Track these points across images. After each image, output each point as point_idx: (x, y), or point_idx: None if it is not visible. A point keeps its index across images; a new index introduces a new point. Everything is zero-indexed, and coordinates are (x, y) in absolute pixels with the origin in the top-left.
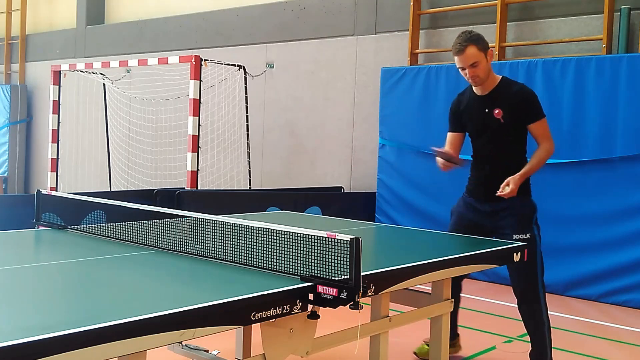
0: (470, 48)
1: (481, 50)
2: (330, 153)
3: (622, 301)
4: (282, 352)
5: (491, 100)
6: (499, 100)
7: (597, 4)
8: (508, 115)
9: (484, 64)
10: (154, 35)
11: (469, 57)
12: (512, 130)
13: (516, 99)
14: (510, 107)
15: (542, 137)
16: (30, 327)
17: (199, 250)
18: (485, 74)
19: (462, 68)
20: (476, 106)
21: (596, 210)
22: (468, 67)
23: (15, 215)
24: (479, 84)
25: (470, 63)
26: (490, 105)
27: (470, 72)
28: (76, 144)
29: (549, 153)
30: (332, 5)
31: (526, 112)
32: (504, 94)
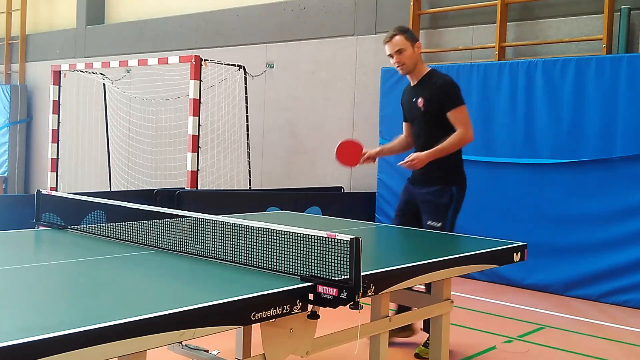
0: (398, 36)
1: (408, 39)
2: (330, 153)
3: (622, 301)
4: (282, 352)
5: (417, 90)
6: (422, 90)
7: (597, 4)
8: (428, 104)
9: (410, 52)
10: (154, 35)
11: (395, 44)
12: (434, 118)
13: (435, 89)
14: (430, 96)
15: (458, 123)
16: (30, 327)
17: (199, 250)
18: (411, 62)
19: (390, 55)
20: (407, 96)
21: (596, 210)
22: (395, 54)
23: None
24: (405, 71)
25: (397, 49)
26: (416, 94)
27: (396, 58)
28: (76, 144)
29: (463, 139)
30: (332, 5)
31: (443, 100)
32: (427, 84)
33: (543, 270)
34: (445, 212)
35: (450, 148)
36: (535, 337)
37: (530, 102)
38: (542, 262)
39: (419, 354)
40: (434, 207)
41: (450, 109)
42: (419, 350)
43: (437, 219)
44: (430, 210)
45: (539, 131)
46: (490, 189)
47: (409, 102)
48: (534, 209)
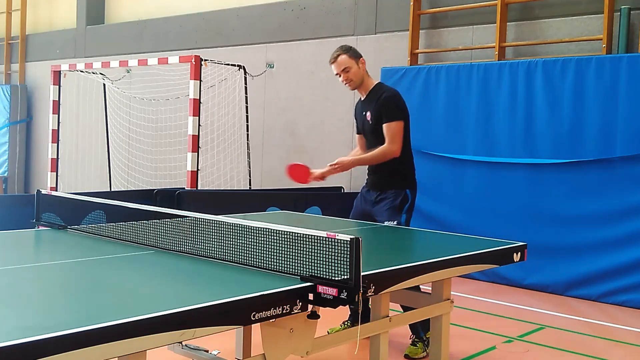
0: (341, 56)
1: (352, 57)
2: (330, 153)
3: (622, 301)
4: (282, 352)
5: (366, 104)
6: (369, 104)
7: (597, 4)
8: (374, 118)
9: (355, 69)
10: (154, 35)
11: (340, 64)
12: (380, 131)
13: (378, 103)
14: (375, 110)
15: (387, 137)
16: (30, 327)
17: (199, 250)
18: (358, 78)
19: (337, 74)
20: (359, 109)
21: (596, 210)
22: (342, 73)
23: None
24: (353, 87)
25: (342, 68)
26: (365, 108)
27: (343, 76)
28: (76, 144)
29: (385, 153)
30: (332, 5)
31: (382, 113)
32: (373, 98)
33: (543, 270)
34: (400, 212)
35: (371, 160)
36: (535, 337)
37: (530, 102)
38: (542, 262)
39: (408, 354)
40: (390, 209)
41: (386, 122)
42: (409, 351)
43: (392, 218)
44: (385, 212)
45: (539, 131)
46: (490, 189)
47: (360, 116)
48: (534, 209)
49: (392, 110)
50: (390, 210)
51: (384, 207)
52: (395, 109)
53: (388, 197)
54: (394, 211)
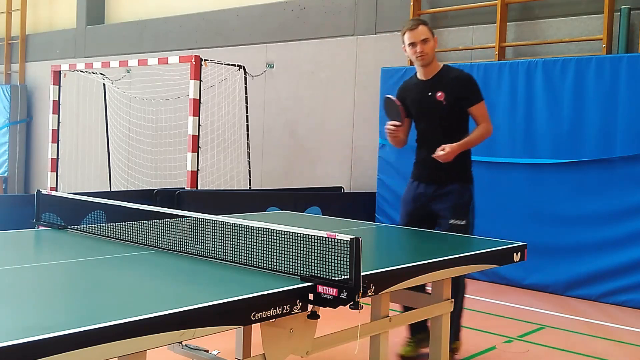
0: (422, 26)
1: (430, 31)
2: (330, 153)
3: (622, 301)
4: (282, 352)
5: (434, 84)
6: (441, 83)
7: (597, 4)
8: (449, 98)
9: (432, 43)
10: (154, 35)
11: (420, 33)
12: (454, 113)
13: (457, 83)
14: (452, 91)
15: (481, 118)
16: (30, 327)
17: (199, 250)
18: (432, 53)
19: (412, 44)
20: (420, 90)
21: (596, 210)
22: (419, 42)
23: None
24: (426, 62)
25: (422, 38)
26: (433, 88)
27: (420, 47)
28: (76, 144)
29: (488, 132)
30: (332, 5)
31: (466, 95)
32: (445, 78)
33: (543, 270)
34: (467, 210)
35: (477, 141)
36: (535, 337)
37: (530, 102)
38: (542, 262)
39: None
40: (456, 205)
41: (474, 104)
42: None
43: (460, 217)
44: (452, 209)
45: (539, 131)
46: (490, 189)
47: (419, 96)
48: (534, 209)
49: (478, 91)
50: (456, 208)
51: (447, 204)
52: (479, 89)
53: (452, 192)
54: (461, 209)
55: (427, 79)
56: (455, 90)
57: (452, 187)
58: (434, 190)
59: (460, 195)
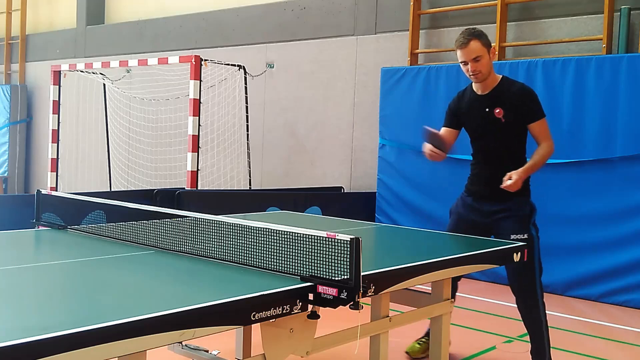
0: (474, 42)
1: (484, 45)
2: (330, 153)
3: (622, 301)
4: (282, 352)
5: (492, 100)
6: (500, 99)
7: (597, 4)
8: (509, 115)
9: (487, 59)
10: (154, 35)
11: (472, 51)
12: (513, 130)
13: (517, 98)
14: (511, 106)
15: (542, 136)
16: (30, 327)
17: (199, 250)
18: (487, 70)
19: (464, 62)
20: (477, 105)
21: (596, 210)
22: (471, 61)
23: (15, 215)
24: (480, 80)
25: (473, 57)
26: (491, 104)
27: (472, 66)
28: (76, 144)
29: (551, 152)
30: (332, 5)
31: (527, 111)
32: (505, 93)
33: (543, 270)
34: (528, 223)
35: (543, 162)
36: None
37: None
38: (543, 262)
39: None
40: (516, 219)
41: (535, 120)
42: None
43: (521, 231)
44: (513, 223)
45: None
46: None
47: (479, 112)
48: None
49: (538, 107)
50: (517, 222)
51: (508, 218)
52: (539, 104)
53: (512, 207)
54: (522, 222)
55: (484, 94)
56: (515, 105)
57: (509, 202)
58: (490, 207)
59: (520, 209)
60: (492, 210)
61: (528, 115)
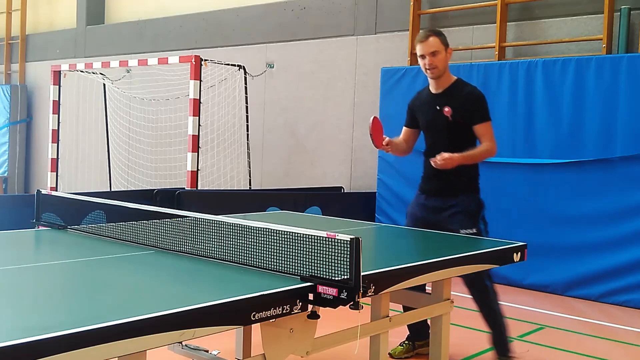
0: (433, 38)
1: (442, 43)
2: (330, 153)
3: (622, 301)
4: (282, 352)
5: (444, 99)
6: (450, 99)
7: (597, 4)
8: (457, 114)
9: (443, 56)
10: (154, 35)
11: (430, 46)
12: (460, 129)
13: (466, 100)
14: (460, 107)
15: (485, 138)
16: (30, 327)
17: (199, 250)
18: (443, 66)
19: (422, 56)
20: (429, 102)
21: (596, 210)
22: (428, 55)
23: (15, 215)
24: (435, 75)
25: (431, 51)
26: (442, 103)
27: (429, 60)
28: (76, 144)
29: (489, 152)
30: (332, 5)
31: (473, 113)
32: (456, 93)
33: (543, 270)
34: (477, 217)
35: (479, 157)
36: (535, 337)
37: (530, 102)
38: (542, 262)
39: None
40: (465, 214)
41: (480, 123)
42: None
43: (471, 226)
44: (461, 219)
45: (539, 131)
46: (490, 189)
47: (428, 109)
48: (534, 209)
49: (486, 110)
50: (465, 217)
51: (456, 214)
52: (487, 108)
53: (460, 204)
54: (470, 218)
55: (437, 92)
56: (464, 106)
57: (458, 199)
58: (440, 203)
59: (468, 205)
60: (442, 206)
61: (474, 117)
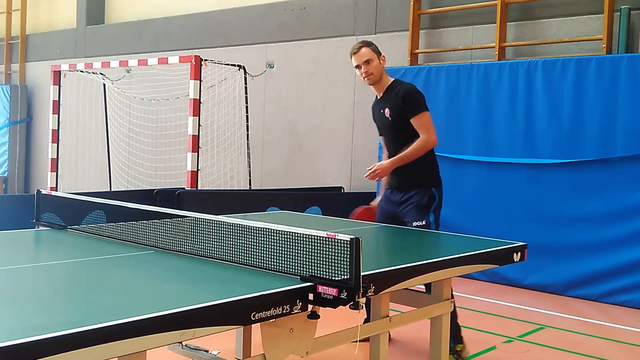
0: (364, 48)
1: (374, 52)
2: (330, 153)
3: (622, 301)
4: (282, 352)
5: (384, 102)
6: (387, 101)
7: (597, 4)
8: (394, 114)
9: (377, 63)
10: (154, 35)
11: (363, 55)
12: (403, 126)
13: (397, 98)
14: (395, 106)
15: (421, 130)
16: (30, 327)
17: (199, 250)
18: (378, 72)
19: (357, 66)
20: (376, 108)
21: (596, 210)
22: (363, 64)
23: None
24: (372, 81)
25: (364, 60)
26: (383, 106)
27: (364, 68)
28: (76, 144)
29: (426, 144)
30: (332, 5)
31: (406, 108)
32: (391, 94)
33: (543, 270)
34: (427, 211)
35: (412, 154)
36: (535, 337)
37: (530, 102)
38: (542, 262)
39: None
40: (416, 207)
41: (414, 115)
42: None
43: (420, 218)
44: (413, 212)
45: (539, 131)
46: (490, 189)
47: (378, 115)
48: (534, 209)
49: (418, 103)
50: (417, 210)
51: (410, 208)
52: (420, 100)
53: (414, 197)
54: (421, 211)
55: (380, 97)
56: (397, 104)
57: (413, 192)
58: (400, 196)
59: (420, 198)
60: (400, 200)
61: (408, 112)
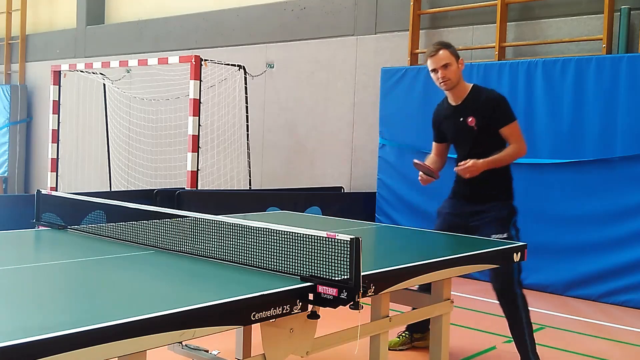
0: (443, 51)
1: (453, 55)
2: (330, 153)
3: (622, 301)
4: (282, 352)
5: (464, 109)
6: (471, 108)
7: (597, 4)
8: (481, 122)
9: (455, 67)
10: (154, 35)
11: (441, 59)
12: (487, 136)
13: (486, 106)
14: (482, 114)
15: (512, 139)
16: (30, 327)
17: (199, 250)
18: (456, 78)
19: (434, 70)
20: (451, 116)
21: (596, 210)
22: (440, 68)
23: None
24: (449, 87)
25: (442, 64)
26: (463, 114)
27: (441, 73)
28: (76, 144)
29: (519, 152)
30: (332, 5)
31: (496, 117)
32: (475, 101)
33: (543, 270)
34: (509, 224)
35: (506, 159)
36: (535, 337)
37: (530, 102)
38: (542, 262)
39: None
40: (496, 220)
41: (504, 125)
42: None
43: (502, 231)
44: (492, 224)
45: (539, 131)
46: None
47: (452, 122)
48: (534, 209)
49: (509, 111)
50: (498, 223)
51: (488, 220)
52: (510, 109)
53: (492, 209)
54: (502, 223)
55: (457, 104)
56: (485, 113)
57: (491, 204)
58: (472, 208)
59: (500, 211)
60: (472, 211)
61: (497, 121)
